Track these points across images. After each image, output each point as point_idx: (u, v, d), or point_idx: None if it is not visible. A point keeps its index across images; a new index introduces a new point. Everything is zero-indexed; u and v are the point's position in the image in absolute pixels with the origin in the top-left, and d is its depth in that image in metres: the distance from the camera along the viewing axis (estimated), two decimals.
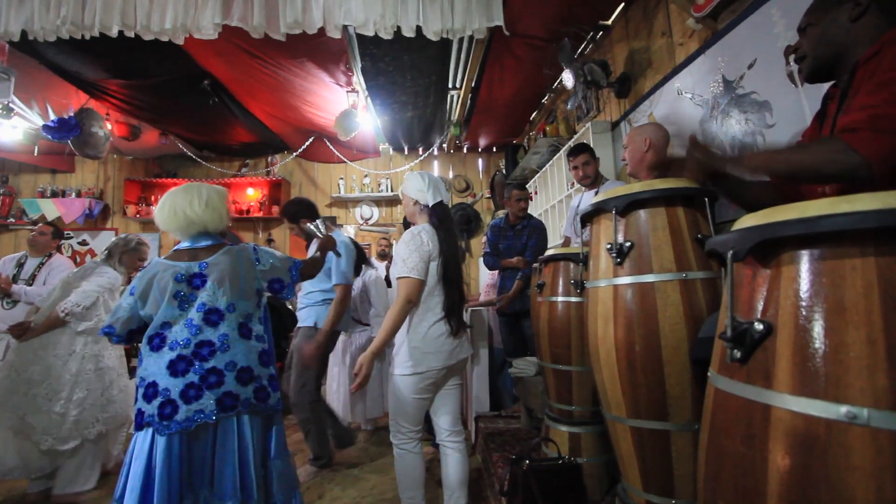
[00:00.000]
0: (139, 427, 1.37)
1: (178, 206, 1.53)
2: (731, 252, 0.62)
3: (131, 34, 2.44)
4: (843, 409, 0.49)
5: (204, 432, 1.39)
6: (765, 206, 1.16)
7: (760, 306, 0.60)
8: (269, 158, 5.82)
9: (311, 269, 1.86)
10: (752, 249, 0.60)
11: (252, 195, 5.79)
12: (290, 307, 4.66)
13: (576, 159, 2.67)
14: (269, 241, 5.73)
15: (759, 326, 0.58)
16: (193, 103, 4.16)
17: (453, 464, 1.76)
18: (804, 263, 0.56)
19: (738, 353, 0.60)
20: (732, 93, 2.13)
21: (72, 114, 4.01)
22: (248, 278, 1.56)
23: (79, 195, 5.73)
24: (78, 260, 5.72)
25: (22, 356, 2.29)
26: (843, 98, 0.98)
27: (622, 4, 3.12)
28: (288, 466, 1.58)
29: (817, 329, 0.53)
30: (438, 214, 1.79)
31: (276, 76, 3.67)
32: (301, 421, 2.56)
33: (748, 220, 0.63)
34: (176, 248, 1.58)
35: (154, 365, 1.40)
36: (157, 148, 5.37)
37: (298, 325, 2.67)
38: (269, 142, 5.37)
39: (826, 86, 1.13)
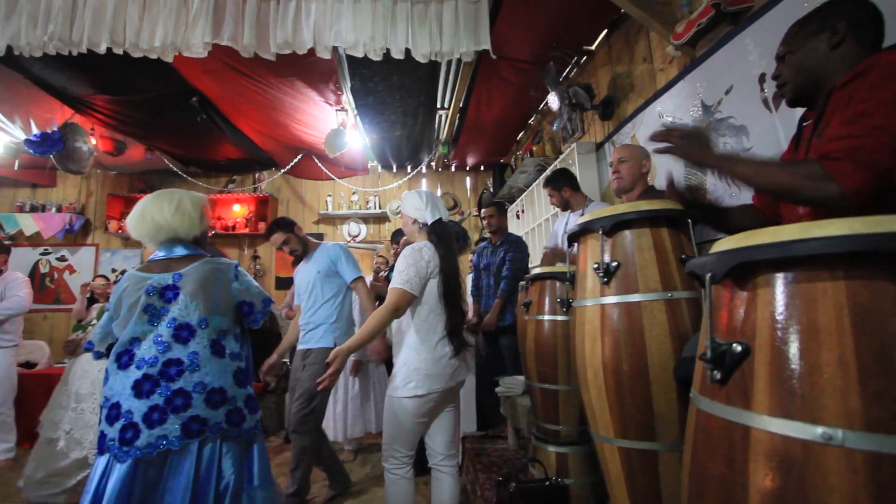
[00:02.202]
0: (101, 451, 1.28)
1: (147, 211, 1.46)
2: (709, 274, 0.64)
3: (120, 51, 2.43)
4: (819, 430, 0.50)
5: (169, 459, 1.28)
6: (744, 230, 1.20)
7: (738, 328, 0.61)
8: (257, 175, 5.80)
9: (270, 322, 1.73)
10: (730, 272, 0.61)
11: (238, 211, 5.74)
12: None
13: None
14: (255, 258, 5.67)
15: (737, 348, 0.59)
16: (181, 119, 4.15)
17: (447, 488, 1.72)
18: (779, 286, 0.58)
19: (717, 375, 0.61)
20: (711, 117, 2.21)
21: (55, 128, 3.96)
22: (223, 293, 1.45)
23: (59, 210, 5.62)
24: (56, 276, 5.58)
25: (70, 371, 2.38)
26: (818, 122, 1.02)
27: (605, 31, 3.23)
28: (272, 495, 1.46)
29: (793, 351, 0.55)
30: (437, 232, 1.77)
31: (266, 94, 3.69)
32: (299, 450, 2.30)
33: (725, 244, 0.65)
34: (150, 258, 1.49)
35: (119, 384, 1.31)
36: (142, 163, 5.32)
37: (307, 346, 2.43)
38: (256, 158, 5.36)
39: (801, 110, 1.18)
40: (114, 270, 5.56)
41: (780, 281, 0.58)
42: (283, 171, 5.48)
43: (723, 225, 1.32)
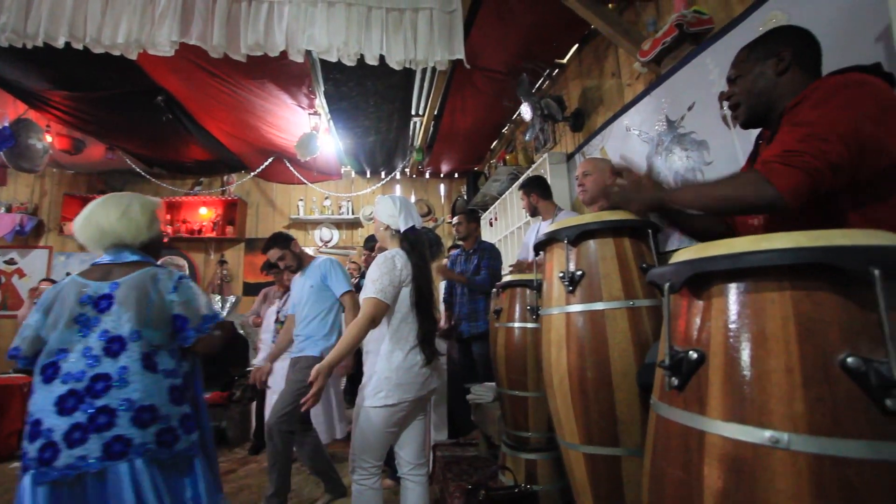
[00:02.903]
0: (24, 470, 1.19)
1: (93, 215, 1.38)
2: (667, 284, 0.66)
3: (79, 46, 2.33)
4: (767, 434, 0.53)
5: (90, 481, 1.18)
6: (712, 234, 1.27)
7: (694, 336, 0.63)
8: (226, 177, 5.65)
9: (210, 343, 1.45)
10: (687, 282, 0.64)
11: (205, 214, 5.57)
12: (242, 333, 4.46)
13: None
14: (222, 263, 5.50)
15: (693, 355, 0.62)
16: (145, 119, 4.01)
17: (415, 498, 1.70)
18: (731, 296, 0.60)
19: (675, 381, 0.63)
20: (675, 132, 2.30)
21: (6, 124, 3.75)
22: (157, 304, 1.35)
23: (9, 210, 5.31)
24: (3, 280, 5.25)
25: None
26: (771, 140, 1.10)
27: (576, 45, 3.33)
28: None
29: (744, 358, 0.57)
30: (410, 240, 1.76)
31: (236, 95, 3.61)
32: (273, 453, 2.35)
33: (683, 255, 0.67)
34: (94, 261, 1.40)
35: (42, 399, 1.21)
36: (102, 162, 5.09)
37: (296, 354, 2.47)
38: (225, 160, 5.23)
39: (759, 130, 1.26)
40: (68, 274, 5.27)
41: (732, 291, 0.60)
42: (253, 174, 5.36)
43: (691, 229, 1.37)
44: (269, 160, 5.11)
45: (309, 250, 5.71)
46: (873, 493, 0.48)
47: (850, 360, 0.51)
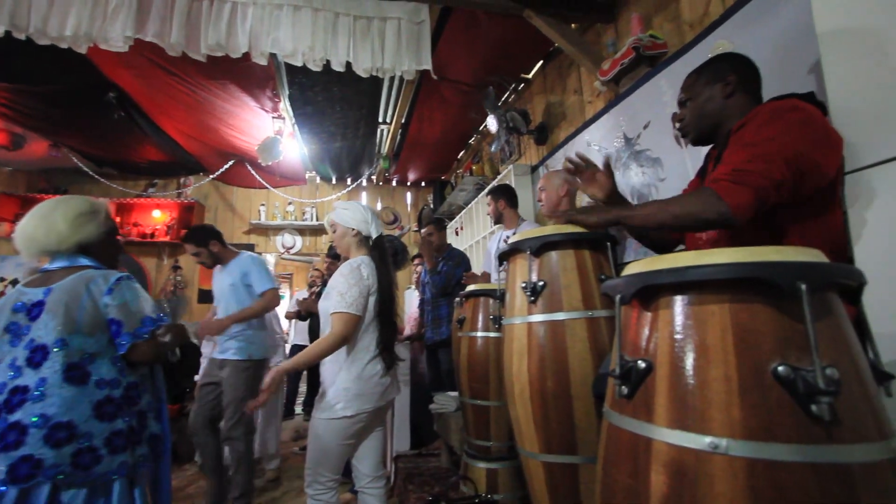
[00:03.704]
0: None
1: (22, 224, 1.32)
2: (619, 296, 0.69)
3: (22, 37, 2.19)
4: (708, 440, 0.55)
5: None
6: (668, 245, 1.34)
7: (643, 346, 0.66)
8: (182, 180, 5.42)
9: (147, 350, 1.32)
10: (636, 294, 0.67)
11: (159, 217, 5.32)
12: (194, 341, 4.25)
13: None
14: (176, 269, 5.25)
15: (641, 364, 0.64)
16: (95, 116, 3.79)
17: None
18: (677, 308, 0.63)
19: (625, 390, 0.65)
20: (632, 148, 2.40)
21: None
22: (90, 309, 1.25)
23: None
24: None
25: None
26: (719, 158, 1.18)
27: (541, 62, 3.43)
28: None
29: (687, 367, 0.60)
30: (379, 248, 1.75)
31: (195, 95, 3.48)
32: (237, 456, 2.38)
33: (633, 268, 0.70)
34: (41, 268, 1.34)
35: None
36: (45, 160, 4.77)
37: (223, 357, 2.45)
38: (183, 162, 5.01)
39: (708, 147, 1.34)
40: (2, 280, 4.89)
41: (677, 303, 0.63)
42: (211, 176, 5.17)
43: (646, 240, 1.43)
44: (230, 163, 4.95)
45: (270, 257, 5.57)
46: (801, 493, 0.51)
47: (780, 368, 0.55)
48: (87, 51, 2.31)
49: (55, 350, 1.19)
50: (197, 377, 2.95)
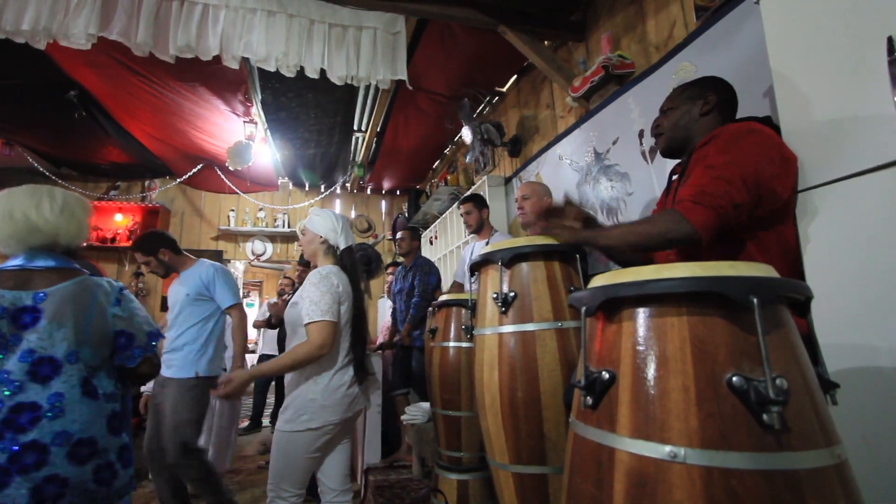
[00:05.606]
0: None
1: (17, 207, 1.18)
2: (584, 308, 0.70)
3: None
4: (667, 449, 0.57)
5: None
6: (635, 260, 1.39)
7: (607, 357, 0.68)
8: (147, 183, 5.23)
9: (155, 363, 1.31)
10: (600, 306, 0.68)
11: (121, 222, 5.10)
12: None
13: (463, 207, 2.90)
14: (138, 276, 5.04)
15: (605, 375, 0.65)
16: (53, 114, 3.62)
17: None
18: (639, 320, 0.65)
19: (590, 400, 0.67)
20: (601, 163, 2.47)
21: None
22: (97, 320, 1.19)
23: None
24: None
25: None
26: (682, 175, 1.24)
27: (515, 76, 3.50)
28: None
29: (648, 377, 0.62)
30: (346, 261, 1.71)
31: (162, 97, 3.38)
32: (197, 480, 2.16)
33: (598, 280, 0.72)
34: (1, 266, 1.17)
35: None
36: None
37: (166, 375, 2.21)
38: (147, 164, 4.84)
39: (671, 162, 1.40)
40: None
41: (639, 315, 0.65)
42: (178, 180, 5.00)
43: (616, 257, 1.47)
44: (198, 167, 4.81)
45: (240, 264, 5.43)
46: (754, 500, 0.53)
47: (734, 378, 0.57)
48: (45, 47, 2.21)
49: (69, 364, 1.12)
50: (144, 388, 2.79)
